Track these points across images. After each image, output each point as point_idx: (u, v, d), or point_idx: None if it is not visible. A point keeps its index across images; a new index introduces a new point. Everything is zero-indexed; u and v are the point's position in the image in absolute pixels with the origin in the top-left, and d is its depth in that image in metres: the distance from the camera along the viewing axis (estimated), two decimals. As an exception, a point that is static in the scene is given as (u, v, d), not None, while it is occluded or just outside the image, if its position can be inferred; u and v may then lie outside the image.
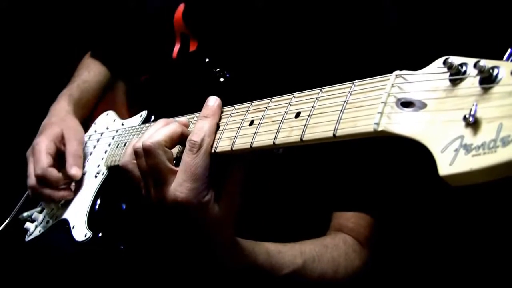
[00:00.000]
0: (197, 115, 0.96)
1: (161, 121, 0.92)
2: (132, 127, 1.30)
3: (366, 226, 1.13)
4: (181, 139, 0.89)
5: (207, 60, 1.24)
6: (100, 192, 1.27)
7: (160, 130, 0.88)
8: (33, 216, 1.45)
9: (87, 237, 1.20)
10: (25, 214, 1.46)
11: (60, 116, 1.46)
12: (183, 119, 0.96)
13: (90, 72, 1.62)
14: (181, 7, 1.37)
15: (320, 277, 1.03)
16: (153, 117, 1.34)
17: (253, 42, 1.23)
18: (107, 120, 1.49)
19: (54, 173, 1.31)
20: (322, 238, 1.10)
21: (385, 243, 1.16)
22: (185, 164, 0.84)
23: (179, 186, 0.83)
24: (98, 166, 1.33)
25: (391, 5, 1.18)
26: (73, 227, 1.26)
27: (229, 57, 1.24)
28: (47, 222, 1.40)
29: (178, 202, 0.83)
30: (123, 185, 1.29)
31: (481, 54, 0.62)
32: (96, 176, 1.31)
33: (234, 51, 1.26)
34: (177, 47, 1.37)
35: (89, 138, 1.48)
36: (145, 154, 0.86)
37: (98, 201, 1.27)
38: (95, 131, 1.50)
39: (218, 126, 0.90)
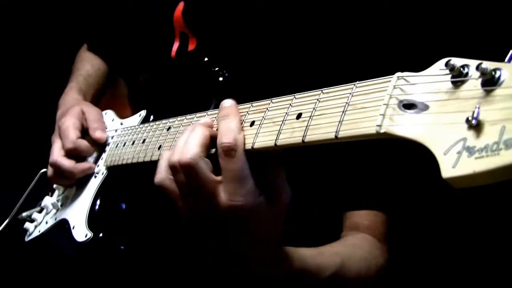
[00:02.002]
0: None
1: (188, 129, 0.84)
2: (131, 127, 1.29)
3: (381, 223, 1.12)
4: (211, 141, 0.82)
5: (206, 59, 1.24)
6: (100, 192, 1.27)
7: (192, 141, 0.79)
8: (32, 216, 1.45)
9: (87, 237, 1.20)
10: (24, 214, 1.46)
11: (75, 100, 1.48)
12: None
13: (93, 66, 1.62)
14: (181, 5, 1.36)
15: (356, 277, 0.98)
16: (152, 117, 1.33)
17: (253, 42, 1.22)
18: (106, 120, 1.48)
19: (84, 143, 1.33)
20: (344, 239, 1.07)
21: (395, 240, 1.16)
22: (228, 172, 0.76)
23: (233, 196, 0.76)
24: (98, 166, 1.33)
25: (391, 5, 1.18)
26: (73, 228, 1.26)
27: (228, 56, 1.23)
28: (47, 222, 1.40)
29: (237, 209, 0.76)
30: (123, 185, 1.30)
31: (482, 54, 0.62)
32: (95, 176, 1.31)
33: (233, 51, 1.25)
34: (176, 46, 1.37)
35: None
36: (185, 171, 0.78)
37: (98, 201, 1.27)
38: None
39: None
